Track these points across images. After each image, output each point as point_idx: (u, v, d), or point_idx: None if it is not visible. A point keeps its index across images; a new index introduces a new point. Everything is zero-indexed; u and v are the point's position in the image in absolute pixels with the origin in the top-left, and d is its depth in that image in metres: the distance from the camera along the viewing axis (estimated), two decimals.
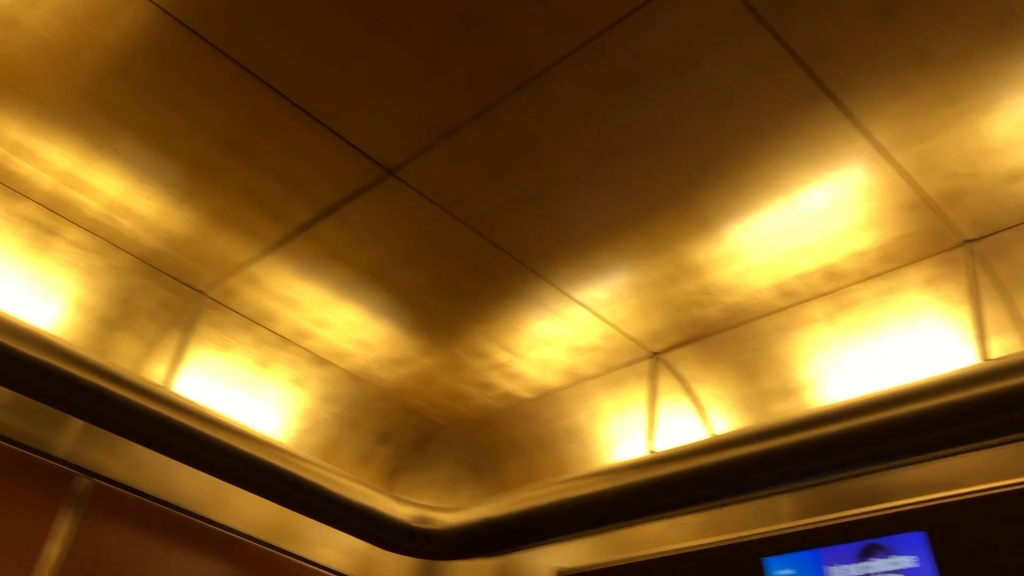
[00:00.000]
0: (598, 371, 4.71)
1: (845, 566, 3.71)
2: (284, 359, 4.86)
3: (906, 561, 3.54)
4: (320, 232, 4.03)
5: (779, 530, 3.97)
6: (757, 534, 4.04)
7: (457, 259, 4.10)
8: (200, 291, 4.54)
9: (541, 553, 5.13)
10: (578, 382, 4.81)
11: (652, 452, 4.28)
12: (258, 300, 4.54)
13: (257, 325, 4.70)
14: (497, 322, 4.48)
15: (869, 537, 3.67)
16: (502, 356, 4.70)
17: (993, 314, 3.60)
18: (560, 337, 4.51)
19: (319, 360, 4.92)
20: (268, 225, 4.04)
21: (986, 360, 3.38)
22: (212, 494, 4.73)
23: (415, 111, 3.39)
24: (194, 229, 4.14)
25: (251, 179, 3.79)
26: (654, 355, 4.55)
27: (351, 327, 4.65)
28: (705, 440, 3.98)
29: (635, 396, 4.66)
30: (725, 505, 4.09)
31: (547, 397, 4.96)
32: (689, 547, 4.27)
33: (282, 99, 3.39)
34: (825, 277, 3.87)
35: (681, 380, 4.51)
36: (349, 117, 3.45)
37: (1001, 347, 3.55)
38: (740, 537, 4.12)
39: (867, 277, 3.83)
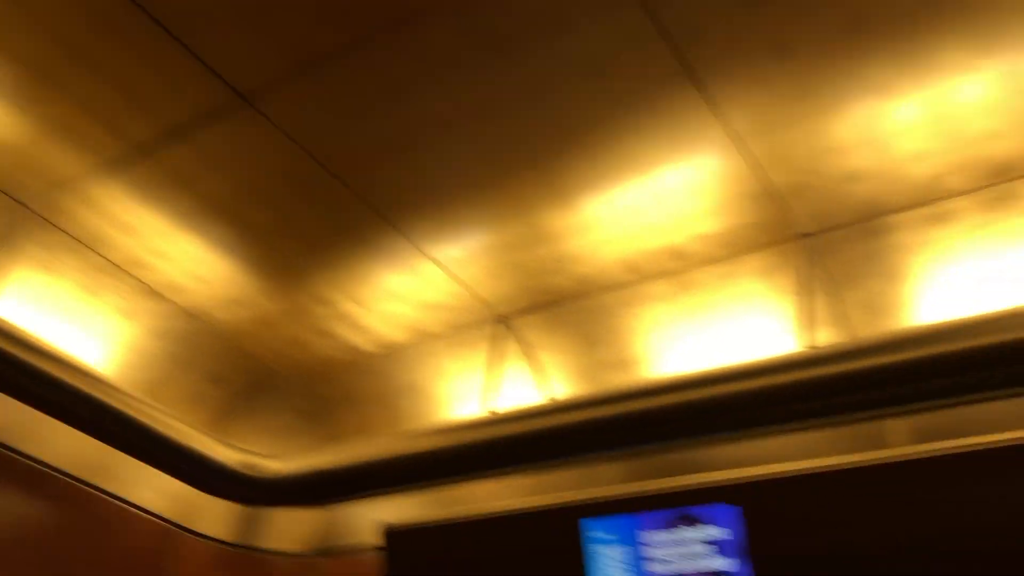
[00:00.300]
0: (444, 330, 4.69)
1: (659, 532, 3.86)
2: (114, 288, 4.58)
3: (718, 533, 3.71)
4: (165, 156, 3.80)
5: (598, 495, 4.08)
6: (576, 497, 4.14)
7: (309, 201, 3.96)
8: (22, 203, 4.20)
9: (367, 508, 5.11)
10: (423, 339, 4.77)
11: (490, 412, 4.32)
12: (91, 222, 4.24)
13: (87, 248, 4.40)
14: (345, 271, 4.38)
15: (684, 506, 3.82)
16: (348, 306, 4.61)
17: (821, 307, 3.81)
18: (409, 292, 4.46)
19: (153, 293, 4.66)
20: (106, 140, 3.75)
21: (810, 347, 3.57)
22: (20, 422, 4.41)
23: (279, 38, 3.22)
24: (22, 136, 3.80)
25: (91, 89, 3.51)
26: (501, 318, 4.57)
27: (190, 261, 4.42)
28: (540, 404, 4.05)
29: (479, 357, 4.67)
30: (552, 468, 4.17)
31: (390, 352, 4.90)
32: (510, 507, 4.33)
33: (134, 6, 3.15)
34: (670, 257, 3.99)
35: (525, 345, 4.56)
36: (205, 35, 3.24)
37: (826, 340, 3.75)
38: (559, 499, 4.21)
39: (709, 261, 3.97)
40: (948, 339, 3.28)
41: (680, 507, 3.83)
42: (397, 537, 4.77)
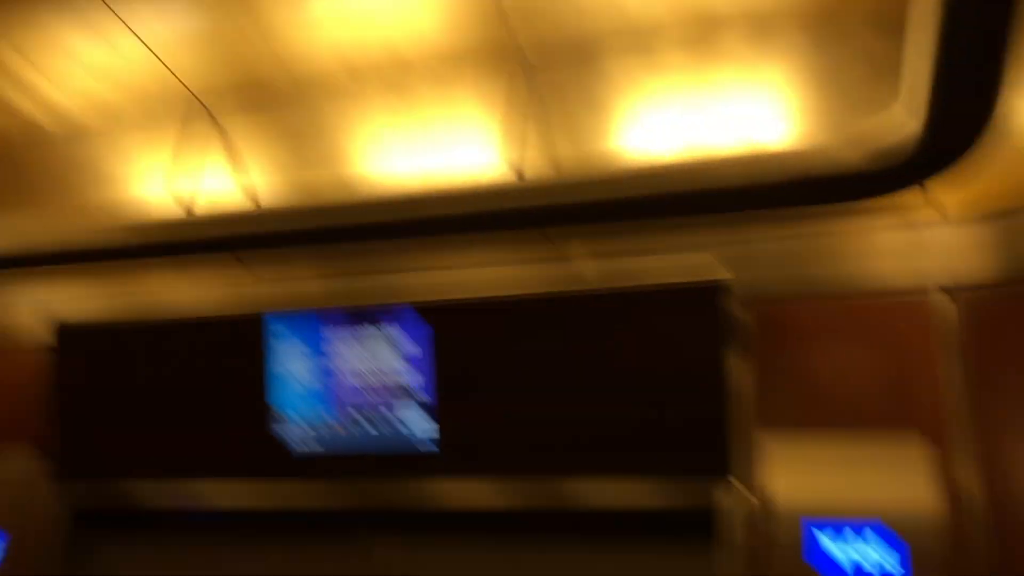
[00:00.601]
0: (137, 111, 4.20)
1: (345, 333, 3.85)
2: None
3: (403, 339, 3.77)
4: None
5: (285, 291, 4.00)
6: (262, 292, 4.04)
7: None
8: None
9: (34, 302, 4.69)
10: (108, 118, 4.25)
11: (185, 211, 4.02)
12: None
13: None
14: (25, 29, 3.75)
15: (373, 311, 3.84)
16: (22, 69, 3.98)
17: (532, 132, 3.82)
18: (100, 64, 3.91)
19: None
20: None
21: (519, 179, 3.61)
22: None
23: None
24: None
25: None
26: (202, 103, 4.16)
27: None
28: (239, 210, 3.84)
29: (173, 143, 4.27)
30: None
31: (72, 129, 4.33)
32: (193, 310, 4.15)
33: None
34: (392, 63, 3.79)
35: (225, 135, 4.21)
36: None
37: (533, 165, 3.79)
38: (245, 294, 4.09)
39: (431, 73, 3.82)
40: (643, 182, 3.44)
41: (369, 311, 3.84)
42: (70, 336, 4.44)
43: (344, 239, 3.66)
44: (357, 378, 3.81)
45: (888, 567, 3.04)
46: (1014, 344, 3.27)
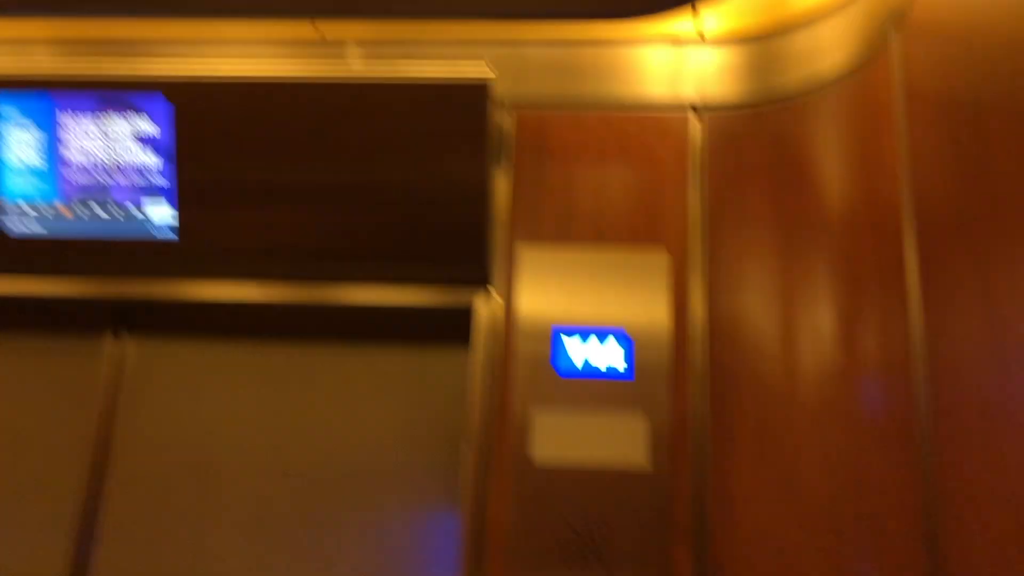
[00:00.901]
0: None
1: (82, 118, 3.50)
2: None
3: (148, 127, 3.47)
4: None
5: (13, 68, 3.55)
6: None
7: None
8: None
9: None
10: None
11: None
12: None
13: None
14: None
15: (114, 93, 3.49)
16: None
17: None
18: None
19: None
20: None
21: None
22: None
23: None
24: None
25: None
26: None
27: None
28: None
29: None
30: None
31: None
32: None
33: None
34: None
35: None
36: None
37: None
38: None
39: None
40: None
41: (109, 94, 3.48)
42: None
43: None
44: (93, 164, 3.48)
45: (615, 364, 3.25)
46: (751, 165, 3.44)
